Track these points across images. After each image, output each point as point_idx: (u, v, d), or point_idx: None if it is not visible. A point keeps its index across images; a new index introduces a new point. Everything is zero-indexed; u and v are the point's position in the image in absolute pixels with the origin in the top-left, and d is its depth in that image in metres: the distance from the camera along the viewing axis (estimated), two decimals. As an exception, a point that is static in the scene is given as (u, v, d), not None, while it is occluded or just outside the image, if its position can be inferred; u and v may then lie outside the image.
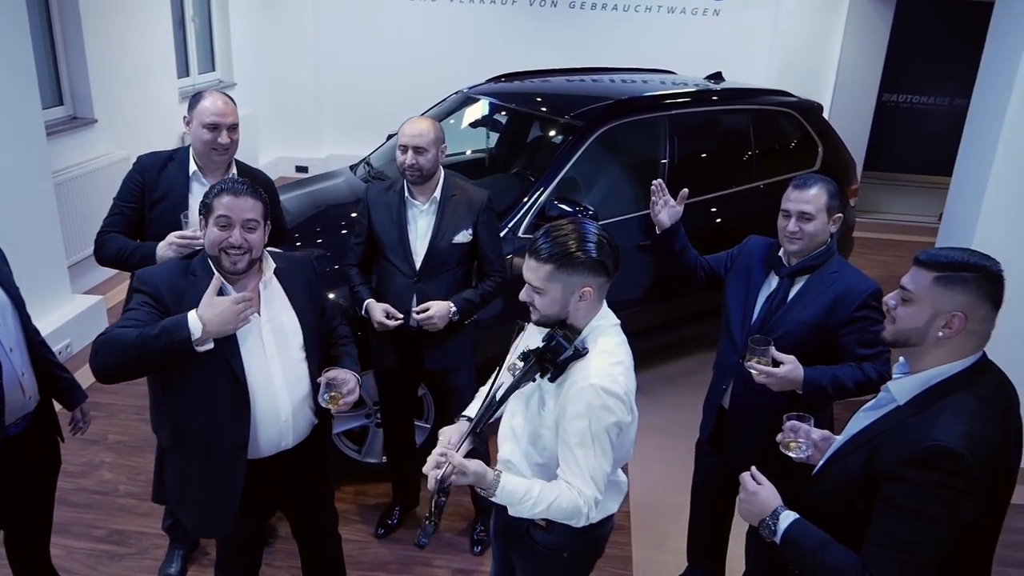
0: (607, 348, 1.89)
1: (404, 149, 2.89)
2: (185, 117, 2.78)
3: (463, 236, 2.99)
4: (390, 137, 5.01)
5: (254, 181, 2.85)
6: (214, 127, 2.69)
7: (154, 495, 3.15)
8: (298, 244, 3.68)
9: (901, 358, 1.75)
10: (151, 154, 2.87)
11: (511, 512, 1.91)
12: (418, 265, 2.98)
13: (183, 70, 7.10)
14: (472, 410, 2.12)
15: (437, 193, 2.98)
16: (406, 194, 2.99)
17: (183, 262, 2.21)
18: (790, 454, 1.97)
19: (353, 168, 4.75)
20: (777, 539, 1.73)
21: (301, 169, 8.46)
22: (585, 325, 1.91)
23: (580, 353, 1.85)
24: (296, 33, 8.26)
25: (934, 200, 7.85)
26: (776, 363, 2.30)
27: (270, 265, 2.24)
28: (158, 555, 3.21)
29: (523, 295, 1.91)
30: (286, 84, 8.36)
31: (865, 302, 2.38)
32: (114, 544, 3.28)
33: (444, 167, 4.79)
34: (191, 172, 2.78)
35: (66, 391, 2.53)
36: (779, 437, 2.01)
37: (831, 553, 1.64)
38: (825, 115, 5.54)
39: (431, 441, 3.30)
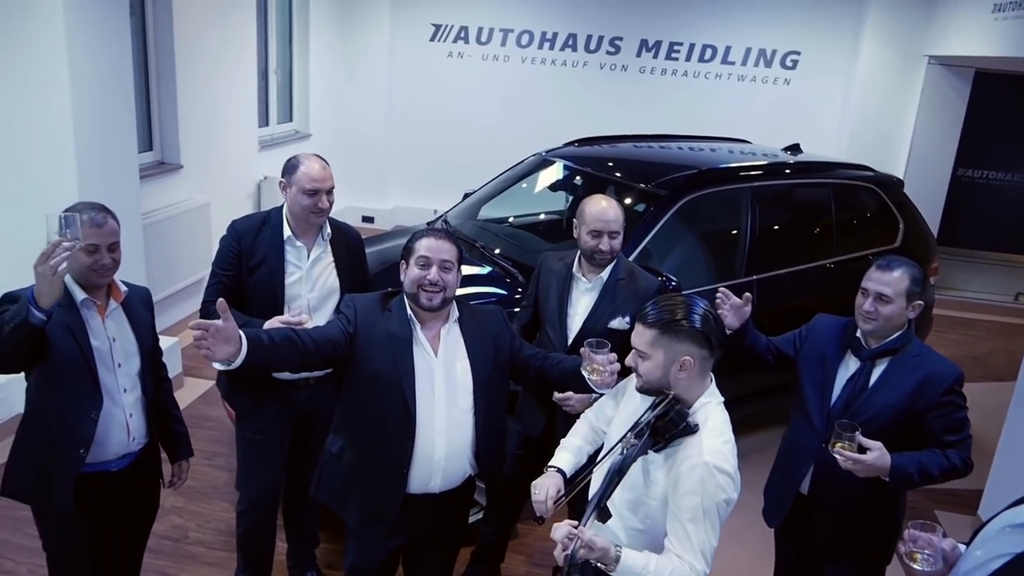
0: (717, 426, 1.94)
1: (598, 234, 2.82)
2: (281, 182, 2.81)
3: (619, 323, 2.87)
4: (466, 196, 5.08)
5: (344, 235, 2.97)
6: (314, 192, 2.74)
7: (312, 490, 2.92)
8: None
9: None
10: (245, 218, 2.90)
11: None
12: (570, 341, 2.91)
13: (263, 120, 7.33)
14: (563, 462, 2.24)
15: (605, 274, 2.91)
16: (574, 268, 2.97)
17: (384, 298, 2.36)
18: (916, 567, 1.87)
19: (430, 224, 4.80)
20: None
21: (367, 219, 8.62)
22: (694, 400, 1.97)
23: (691, 429, 1.90)
24: (371, 87, 8.51)
25: (1011, 278, 7.67)
26: (862, 449, 2.26)
27: (454, 313, 2.38)
28: (226, 608, 3.20)
29: (629, 359, 2.01)
30: (358, 136, 8.58)
31: (951, 387, 2.38)
32: (184, 593, 3.28)
33: (520, 227, 4.95)
34: (286, 236, 2.81)
35: (174, 443, 2.65)
36: (901, 548, 1.91)
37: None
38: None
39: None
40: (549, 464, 2.23)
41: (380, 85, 8.51)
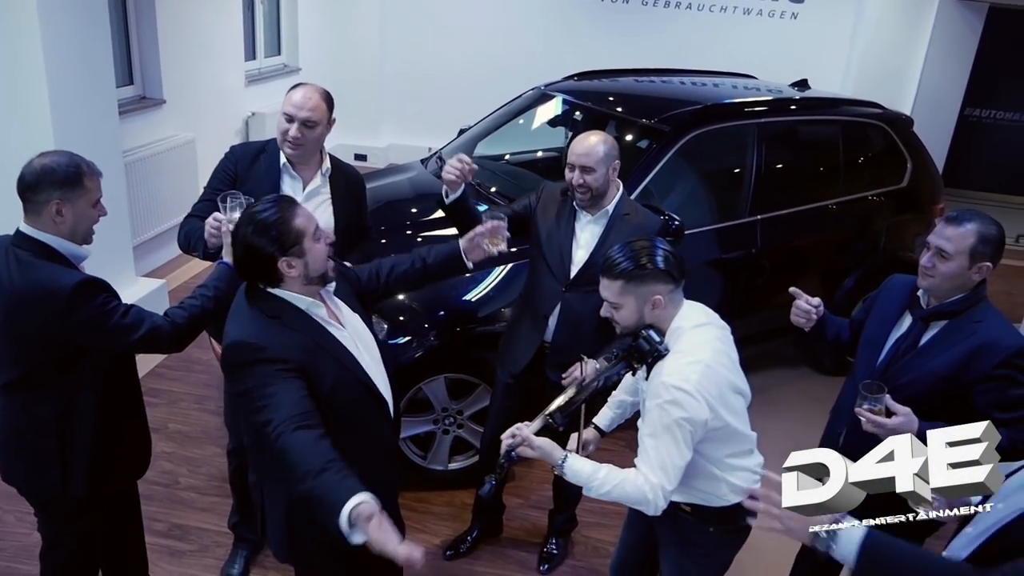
0: (685, 348, 2.04)
1: (571, 168, 2.71)
2: None
3: None
4: (461, 132, 4.89)
5: (344, 175, 2.87)
6: (289, 119, 2.61)
7: None
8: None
9: None
10: (244, 144, 2.83)
11: (585, 492, 2.03)
12: (572, 275, 2.79)
13: (250, 53, 7.06)
14: (601, 417, 2.42)
15: (611, 207, 2.79)
16: (576, 201, 2.82)
17: (262, 310, 1.97)
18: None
19: (424, 162, 4.64)
20: None
21: (360, 157, 8.38)
22: (667, 327, 2.09)
23: (660, 353, 2.04)
24: (363, 20, 8.17)
25: (1014, 220, 7.52)
26: (890, 413, 2.11)
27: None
28: (219, 553, 3.14)
29: (603, 311, 2.14)
30: (350, 71, 8.23)
31: (1008, 359, 2.13)
32: (175, 539, 3.21)
33: (518, 164, 4.78)
34: (282, 164, 2.70)
35: None
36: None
37: None
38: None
39: None
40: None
41: (372, 17, 8.16)
